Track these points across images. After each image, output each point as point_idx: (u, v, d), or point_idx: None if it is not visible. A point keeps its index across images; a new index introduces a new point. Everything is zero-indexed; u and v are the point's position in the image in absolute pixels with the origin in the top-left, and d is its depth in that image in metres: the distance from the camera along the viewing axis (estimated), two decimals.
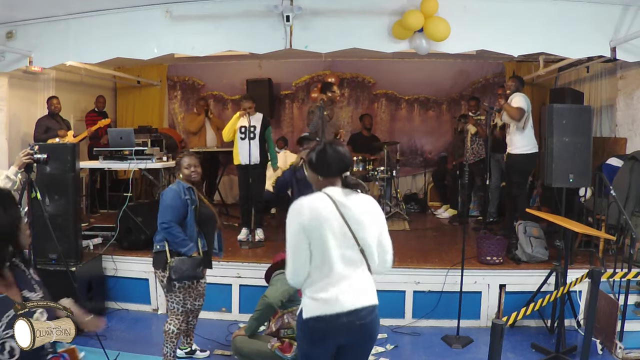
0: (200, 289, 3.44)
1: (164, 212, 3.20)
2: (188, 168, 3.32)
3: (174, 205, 3.20)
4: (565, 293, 3.60)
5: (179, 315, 3.30)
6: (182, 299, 3.29)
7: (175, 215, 3.19)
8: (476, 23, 4.35)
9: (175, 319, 3.29)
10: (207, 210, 3.40)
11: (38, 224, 3.92)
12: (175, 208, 3.20)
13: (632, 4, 4.25)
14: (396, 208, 6.68)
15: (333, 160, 2.12)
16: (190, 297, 3.34)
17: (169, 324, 3.29)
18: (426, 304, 4.29)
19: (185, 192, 3.25)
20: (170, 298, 3.29)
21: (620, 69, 5.60)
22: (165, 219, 3.18)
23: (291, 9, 4.22)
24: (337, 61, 7.71)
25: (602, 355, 3.71)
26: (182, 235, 3.20)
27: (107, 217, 6.36)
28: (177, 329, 3.28)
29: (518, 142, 4.94)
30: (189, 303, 3.34)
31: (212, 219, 3.43)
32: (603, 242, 4.52)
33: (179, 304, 3.29)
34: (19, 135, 6.16)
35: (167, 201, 3.21)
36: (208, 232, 3.41)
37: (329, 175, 2.13)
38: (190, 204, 3.25)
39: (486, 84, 7.70)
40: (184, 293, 3.29)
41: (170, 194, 3.23)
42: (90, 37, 4.77)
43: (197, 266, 3.21)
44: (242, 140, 5.11)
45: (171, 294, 3.27)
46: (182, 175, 3.33)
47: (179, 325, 3.29)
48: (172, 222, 3.17)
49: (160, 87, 8.18)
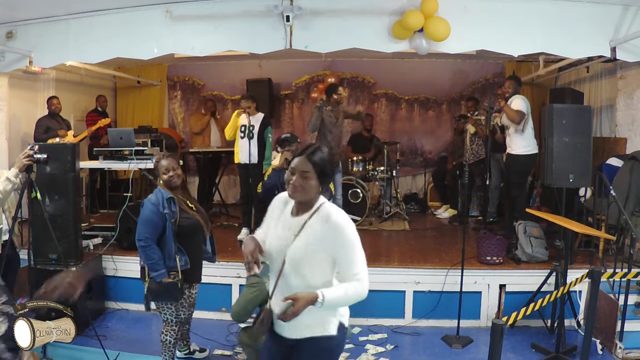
0: (191, 300, 3.33)
1: (141, 227, 3.04)
2: (166, 172, 3.12)
3: (153, 220, 3.02)
4: (565, 293, 3.60)
5: (173, 326, 3.23)
6: (174, 310, 3.20)
7: (152, 232, 3.02)
8: (476, 23, 4.35)
9: (170, 329, 3.22)
10: (191, 221, 3.18)
11: (38, 224, 3.92)
12: (153, 223, 3.02)
13: (632, 4, 4.25)
14: (396, 208, 6.68)
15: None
16: (183, 308, 3.24)
17: (164, 334, 3.23)
18: (426, 304, 4.29)
19: (164, 205, 3.05)
20: (162, 310, 3.20)
21: (620, 69, 5.60)
22: (141, 235, 3.01)
23: (291, 9, 4.22)
24: (337, 61, 7.72)
25: (602, 355, 3.71)
26: (157, 256, 3.02)
27: (107, 217, 6.36)
28: (173, 339, 3.24)
29: (518, 143, 4.94)
30: (182, 313, 3.24)
31: (197, 229, 3.22)
32: (603, 242, 4.52)
33: (172, 315, 3.20)
34: (19, 135, 6.16)
35: (146, 214, 3.04)
36: (194, 244, 3.22)
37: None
38: (169, 218, 3.05)
39: (486, 84, 7.70)
40: (176, 305, 3.19)
41: (148, 206, 3.05)
42: (90, 37, 4.77)
43: (171, 290, 3.05)
44: (242, 139, 5.14)
45: (163, 307, 3.18)
46: (162, 180, 3.15)
47: (175, 335, 3.24)
48: (150, 240, 3.01)
49: (160, 87, 8.18)
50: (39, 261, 4.01)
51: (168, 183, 3.14)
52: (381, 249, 5.08)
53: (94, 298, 4.36)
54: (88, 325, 3.83)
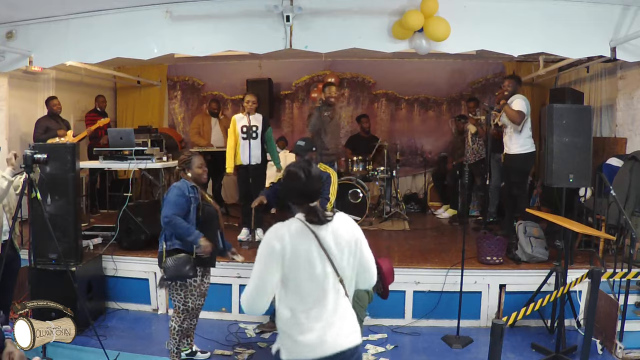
0: (202, 288, 3.43)
1: (167, 208, 3.20)
2: (200, 167, 3.35)
3: (177, 201, 3.20)
4: (565, 293, 3.60)
5: (180, 313, 3.33)
6: (183, 297, 3.30)
7: (177, 212, 3.19)
8: (476, 23, 4.36)
9: (177, 316, 3.33)
10: (210, 208, 3.40)
11: (38, 224, 3.92)
12: (178, 204, 3.20)
13: (632, 4, 4.25)
14: (396, 208, 6.68)
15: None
16: (192, 296, 3.34)
17: (171, 321, 3.35)
18: (426, 304, 4.29)
19: (189, 190, 3.25)
20: (172, 296, 3.33)
21: (620, 69, 5.60)
22: (167, 214, 3.17)
23: (291, 9, 4.23)
24: (337, 61, 7.72)
25: (602, 355, 3.72)
26: (186, 224, 3.18)
27: (107, 217, 6.37)
28: (178, 326, 3.33)
29: (515, 143, 4.95)
30: (190, 301, 3.34)
31: (215, 217, 3.42)
32: (603, 242, 4.52)
33: (180, 302, 3.31)
34: (18, 135, 6.16)
35: (171, 197, 3.21)
36: (211, 231, 3.39)
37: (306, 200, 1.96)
38: (194, 201, 3.26)
39: (486, 84, 7.70)
40: (185, 291, 3.30)
41: (174, 191, 3.24)
42: (90, 37, 4.78)
43: (183, 265, 3.19)
44: (243, 140, 5.08)
45: (173, 293, 3.30)
46: (192, 174, 3.33)
47: (180, 322, 3.33)
48: (174, 215, 3.17)
49: (160, 87, 8.19)
50: (39, 261, 4.02)
51: (199, 178, 3.35)
52: (381, 249, 5.07)
53: (94, 298, 4.36)
54: (88, 325, 3.83)
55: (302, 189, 1.97)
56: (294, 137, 7.89)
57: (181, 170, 3.36)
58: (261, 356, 3.74)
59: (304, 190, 1.97)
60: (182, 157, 3.42)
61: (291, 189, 2.01)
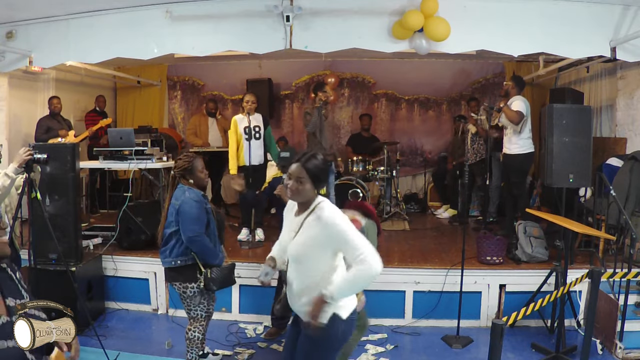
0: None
1: (193, 224, 3.04)
2: (202, 172, 3.21)
3: (201, 217, 3.08)
4: (565, 293, 3.60)
5: (202, 321, 3.27)
6: (206, 305, 3.27)
7: (202, 227, 3.08)
8: (476, 23, 4.36)
9: (199, 325, 3.25)
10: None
11: (38, 224, 3.92)
12: (201, 220, 3.09)
13: (632, 4, 4.25)
14: (396, 208, 6.68)
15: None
16: (212, 302, 3.36)
17: (192, 331, 3.23)
18: (426, 304, 4.29)
19: (205, 201, 3.17)
20: (194, 307, 3.22)
21: (620, 69, 5.60)
22: (195, 232, 3.03)
23: (291, 9, 4.23)
24: (337, 61, 7.71)
25: (602, 355, 3.71)
26: (211, 245, 3.12)
27: (107, 217, 6.36)
28: (202, 335, 3.28)
29: (515, 143, 4.95)
30: (211, 308, 3.35)
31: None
32: (603, 242, 4.52)
33: (203, 311, 3.26)
34: (19, 135, 6.16)
35: (195, 212, 3.05)
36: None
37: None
38: (211, 212, 3.20)
39: (486, 84, 7.70)
40: (208, 299, 3.29)
41: (194, 205, 3.07)
42: (90, 37, 4.78)
43: (231, 273, 3.24)
44: (246, 141, 5.04)
45: (195, 302, 3.21)
46: (194, 180, 3.17)
47: (203, 331, 3.28)
48: (202, 234, 3.07)
49: (160, 87, 8.18)
50: (39, 261, 4.02)
51: (201, 182, 3.23)
52: (381, 249, 5.02)
53: (94, 298, 4.36)
54: (88, 325, 3.83)
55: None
56: (294, 137, 7.92)
57: (181, 176, 3.18)
58: (261, 356, 3.75)
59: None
60: (180, 163, 3.18)
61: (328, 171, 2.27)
